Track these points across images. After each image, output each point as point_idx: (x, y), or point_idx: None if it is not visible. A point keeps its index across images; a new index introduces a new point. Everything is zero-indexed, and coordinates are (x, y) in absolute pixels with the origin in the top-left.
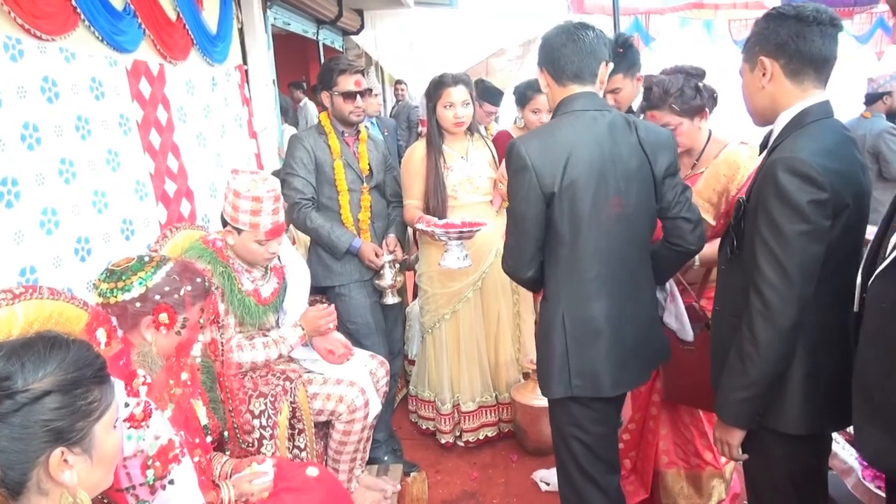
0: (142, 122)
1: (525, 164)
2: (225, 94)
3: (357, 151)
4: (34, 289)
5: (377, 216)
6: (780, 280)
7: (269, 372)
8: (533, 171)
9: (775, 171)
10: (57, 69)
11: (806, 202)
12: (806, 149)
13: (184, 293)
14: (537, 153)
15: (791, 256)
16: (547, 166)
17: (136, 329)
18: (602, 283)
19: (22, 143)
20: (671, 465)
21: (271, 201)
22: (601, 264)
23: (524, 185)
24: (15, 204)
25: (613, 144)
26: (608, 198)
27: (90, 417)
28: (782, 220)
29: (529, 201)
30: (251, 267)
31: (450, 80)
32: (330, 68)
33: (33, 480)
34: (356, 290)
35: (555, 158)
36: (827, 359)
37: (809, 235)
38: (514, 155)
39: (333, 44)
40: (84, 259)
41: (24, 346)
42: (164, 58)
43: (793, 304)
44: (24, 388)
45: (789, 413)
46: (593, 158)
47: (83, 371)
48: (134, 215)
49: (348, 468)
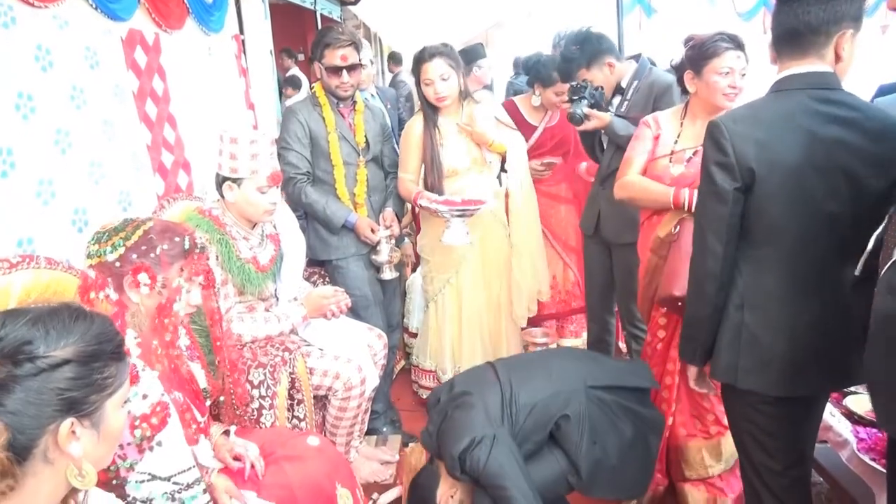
0: (137, 93)
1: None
2: (222, 65)
3: (353, 123)
4: (31, 258)
5: (374, 189)
6: (699, 232)
7: (269, 343)
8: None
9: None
10: (51, 37)
11: (712, 163)
12: (732, 113)
13: (160, 252)
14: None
15: (701, 214)
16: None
17: (124, 290)
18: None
19: (16, 112)
20: (690, 437)
21: (268, 144)
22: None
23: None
24: (10, 174)
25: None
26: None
27: (104, 392)
28: (703, 179)
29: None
30: (248, 234)
31: (426, 55)
32: (318, 40)
33: (40, 448)
34: (354, 263)
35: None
36: (752, 318)
37: (713, 195)
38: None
39: (331, 14)
40: (81, 230)
41: (50, 314)
42: (160, 27)
43: (705, 256)
44: (45, 354)
45: (716, 361)
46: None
47: (103, 346)
48: (131, 186)
49: (345, 440)
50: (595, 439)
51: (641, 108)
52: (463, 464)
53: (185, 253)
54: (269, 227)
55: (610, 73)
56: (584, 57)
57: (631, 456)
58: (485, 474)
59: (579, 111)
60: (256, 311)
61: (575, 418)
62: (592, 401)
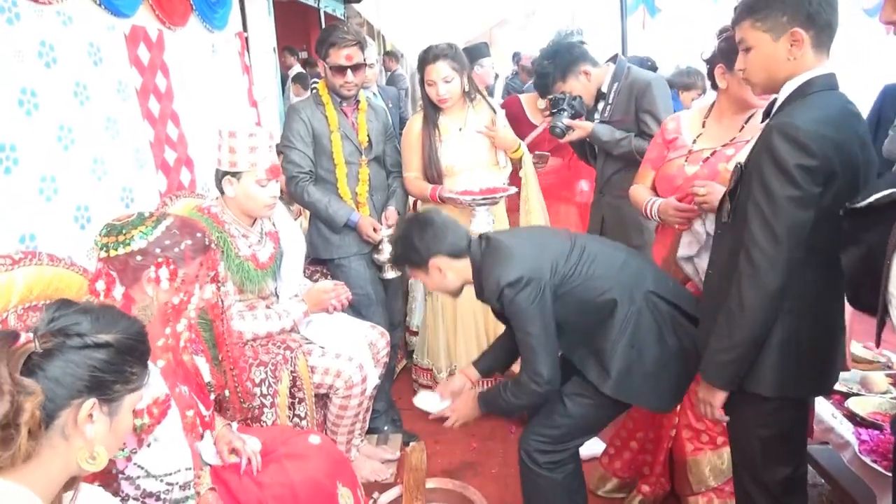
0: (140, 89)
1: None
2: (225, 62)
3: (356, 122)
4: (33, 254)
5: (376, 189)
6: (770, 243)
7: (270, 341)
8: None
9: (771, 136)
10: (54, 33)
11: (794, 166)
12: (802, 116)
13: (184, 247)
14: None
15: (781, 220)
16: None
17: (138, 284)
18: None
19: (20, 108)
20: (697, 451)
21: (266, 138)
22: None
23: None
24: (13, 170)
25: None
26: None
27: (128, 385)
28: (774, 185)
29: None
30: (247, 231)
31: (430, 56)
32: (323, 39)
33: (61, 420)
34: (356, 262)
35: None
36: (807, 325)
37: (798, 201)
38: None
39: (335, 11)
40: (84, 227)
41: (100, 307)
42: (163, 23)
43: (779, 267)
44: (92, 334)
45: (764, 375)
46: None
47: (139, 345)
48: (133, 183)
49: (346, 439)
50: (634, 343)
51: (624, 111)
52: (501, 294)
53: (205, 248)
54: (268, 224)
55: (587, 80)
56: (558, 69)
57: (669, 370)
58: (519, 314)
59: (560, 124)
60: (257, 308)
61: (621, 315)
62: (649, 306)
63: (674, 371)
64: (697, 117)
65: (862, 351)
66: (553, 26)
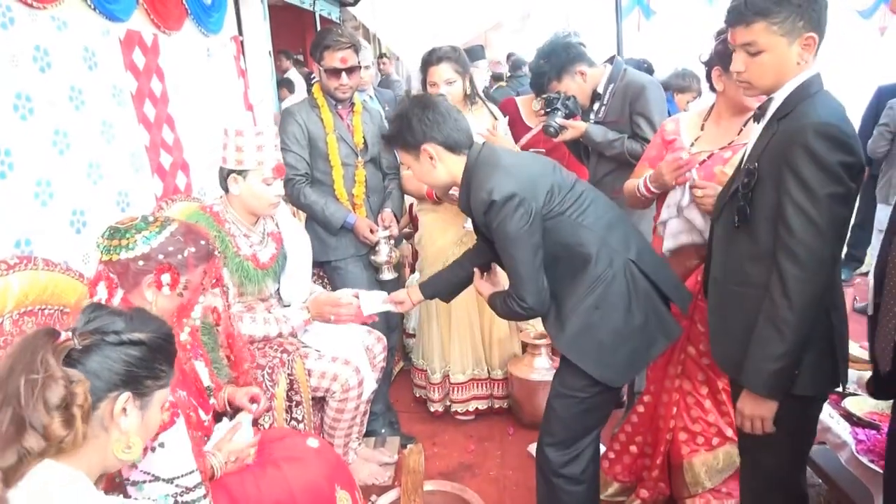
0: (136, 94)
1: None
2: (220, 66)
3: (351, 125)
4: (29, 260)
5: (372, 190)
6: (817, 242)
7: (267, 344)
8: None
9: (805, 136)
10: (49, 38)
11: (838, 164)
12: (832, 115)
13: (187, 254)
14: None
15: (826, 218)
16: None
17: (138, 289)
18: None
19: (15, 112)
20: (693, 453)
21: (272, 136)
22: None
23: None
24: (9, 175)
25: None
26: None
27: (158, 381)
28: (816, 183)
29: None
30: (249, 231)
31: (434, 58)
32: (318, 42)
33: (100, 411)
34: (352, 264)
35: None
36: (836, 320)
37: (841, 197)
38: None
39: (330, 15)
40: (79, 231)
41: (132, 309)
42: (158, 28)
43: (828, 264)
44: (128, 331)
45: (803, 374)
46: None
47: (169, 345)
48: (129, 187)
49: (343, 442)
50: (599, 305)
51: (618, 112)
52: (490, 207)
53: (208, 256)
54: (271, 225)
55: (583, 80)
56: (553, 69)
57: (627, 343)
58: (506, 236)
59: (554, 123)
60: (256, 311)
61: (594, 273)
62: (626, 274)
63: (631, 346)
64: (696, 120)
65: (858, 351)
66: (548, 29)
